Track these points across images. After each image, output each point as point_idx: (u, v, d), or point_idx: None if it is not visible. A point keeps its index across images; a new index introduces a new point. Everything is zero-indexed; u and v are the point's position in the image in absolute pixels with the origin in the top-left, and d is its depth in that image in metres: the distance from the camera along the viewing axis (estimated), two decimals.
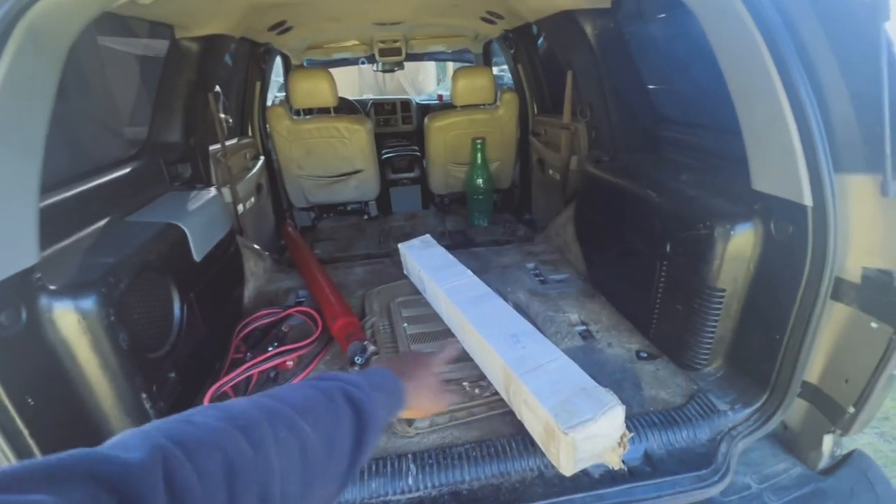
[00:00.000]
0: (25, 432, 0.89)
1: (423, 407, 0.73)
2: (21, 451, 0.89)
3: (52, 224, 1.14)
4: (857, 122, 0.93)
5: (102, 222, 1.32)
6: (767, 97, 1.01)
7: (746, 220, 1.17)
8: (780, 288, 1.12)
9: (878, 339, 0.97)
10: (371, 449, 0.54)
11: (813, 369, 1.12)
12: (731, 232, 1.18)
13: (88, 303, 1.00)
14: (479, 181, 3.01)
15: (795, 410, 1.17)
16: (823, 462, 1.13)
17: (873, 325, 0.97)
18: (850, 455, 1.15)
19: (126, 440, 0.34)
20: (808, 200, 1.00)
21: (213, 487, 0.34)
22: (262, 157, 2.89)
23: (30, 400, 0.91)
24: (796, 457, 1.18)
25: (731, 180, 1.29)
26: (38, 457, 0.90)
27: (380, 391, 0.59)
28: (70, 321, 0.99)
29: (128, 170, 1.55)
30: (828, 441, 1.11)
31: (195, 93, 1.91)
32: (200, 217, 1.57)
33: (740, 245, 1.19)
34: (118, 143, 1.75)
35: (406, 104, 4.34)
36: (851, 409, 1.04)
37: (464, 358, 1.41)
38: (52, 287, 0.99)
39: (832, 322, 1.06)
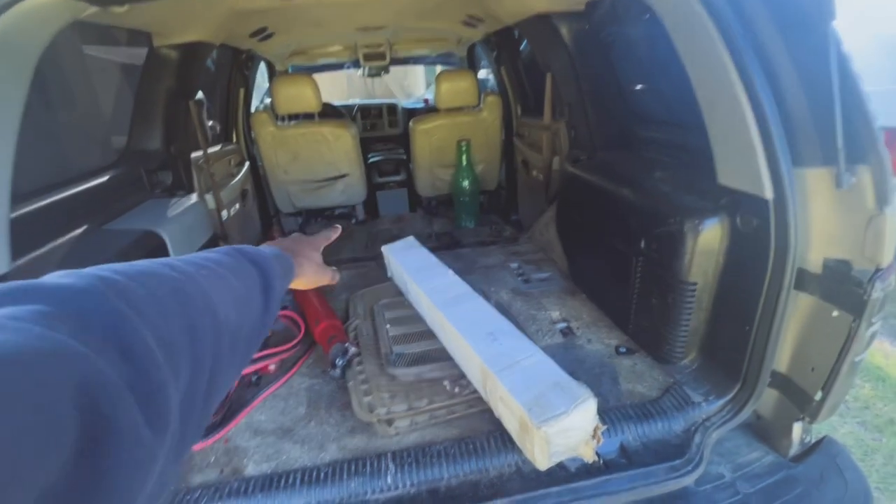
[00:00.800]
0: None
1: (310, 278, 0.74)
2: None
3: (28, 233, 1.14)
4: (812, 117, 0.96)
5: (79, 230, 1.33)
6: (728, 95, 1.04)
7: (714, 215, 1.20)
8: (747, 280, 1.14)
9: (839, 327, 0.99)
10: (278, 299, 0.55)
11: (781, 359, 1.14)
12: (700, 227, 1.21)
13: None
14: (465, 183, 3.04)
15: (767, 400, 1.19)
16: (794, 449, 1.16)
17: (835, 313, 1.00)
18: (820, 442, 1.17)
19: (58, 275, 0.32)
20: (768, 194, 1.03)
21: (167, 301, 0.33)
22: (247, 163, 2.89)
23: None
24: (768, 445, 1.20)
25: (702, 176, 1.31)
26: None
27: (268, 256, 0.59)
28: None
29: (106, 178, 1.56)
30: (797, 428, 1.14)
31: (175, 100, 1.92)
32: (180, 224, 1.58)
33: (709, 239, 1.22)
34: (97, 151, 1.75)
35: (392, 108, 4.36)
36: (818, 396, 1.07)
37: (444, 357, 1.43)
38: None
39: (797, 312, 1.09)
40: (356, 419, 1.27)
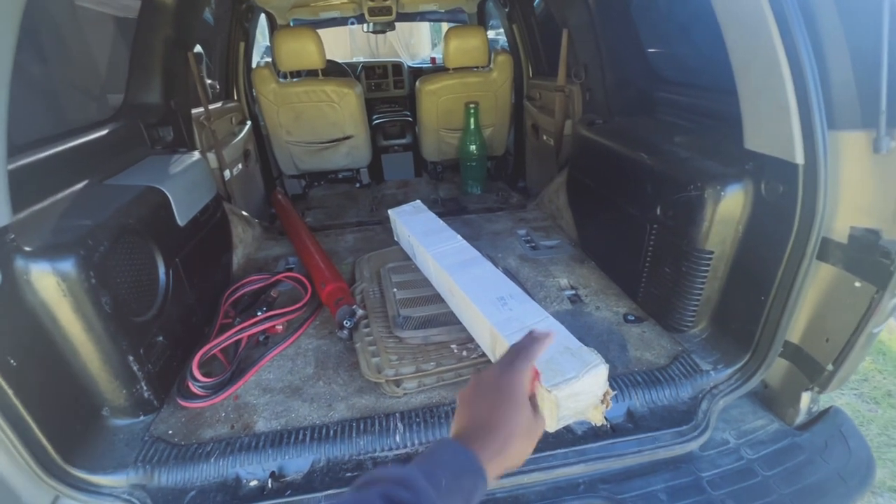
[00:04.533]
0: (10, 392, 0.89)
1: (522, 456, 0.57)
2: (6, 409, 0.89)
3: (27, 186, 1.11)
4: (854, 76, 0.90)
5: (80, 185, 1.29)
6: (765, 52, 0.97)
7: (737, 181, 1.16)
8: (767, 249, 1.11)
9: (860, 298, 0.97)
10: None
11: (795, 329, 1.13)
12: (722, 193, 1.17)
13: (67, 265, 0.99)
14: (473, 147, 2.96)
15: (776, 369, 1.19)
16: (800, 418, 1.17)
17: (857, 284, 0.97)
18: (826, 411, 1.18)
19: None
20: (799, 159, 0.98)
21: None
22: (248, 122, 2.81)
23: (12, 361, 0.90)
24: (774, 413, 1.21)
25: (726, 141, 1.26)
26: (24, 416, 0.91)
27: (441, 476, 0.49)
28: (49, 283, 0.98)
29: (105, 132, 1.50)
30: (805, 398, 1.14)
31: (174, 51, 1.83)
32: (183, 181, 1.53)
33: (730, 206, 1.18)
34: (94, 105, 1.69)
35: (398, 67, 4.20)
36: (830, 367, 1.06)
37: (451, 321, 1.42)
38: (27, 248, 0.96)
39: (817, 282, 1.06)
40: (364, 379, 1.28)
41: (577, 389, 0.98)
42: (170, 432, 1.16)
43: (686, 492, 1.04)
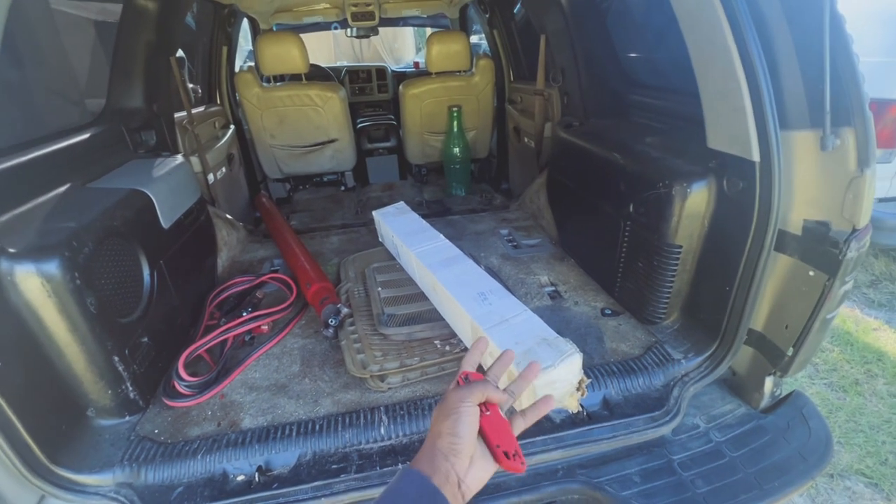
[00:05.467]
0: None
1: (484, 477, 0.57)
2: None
3: (8, 189, 1.12)
4: (802, 80, 0.97)
5: (62, 188, 1.30)
6: (722, 57, 1.04)
7: (702, 178, 1.22)
8: (730, 242, 1.18)
9: (814, 286, 1.04)
10: None
11: (758, 318, 1.20)
12: (688, 190, 1.23)
13: (52, 266, 1.00)
14: (456, 150, 3.01)
15: (742, 356, 1.26)
16: (765, 402, 1.23)
17: (811, 273, 1.04)
18: (789, 395, 1.25)
19: None
20: (755, 156, 1.05)
21: None
22: (232, 126, 2.81)
23: None
24: (741, 398, 1.27)
25: (693, 140, 1.33)
26: (9, 415, 0.92)
27: None
28: (34, 284, 0.99)
29: (87, 135, 1.51)
30: (768, 382, 1.21)
31: (156, 55, 1.84)
32: (167, 184, 1.54)
33: (696, 202, 1.24)
34: (76, 109, 1.69)
35: (381, 72, 4.24)
36: (790, 352, 1.13)
37: (435, 318, 1.46)
38: (11, 250, 0.97)
39: (776, 273, 1.13)
40: (349, 376, 1.31)
41: (553, 377, 1.03)
42: (156, 431, 1.17)
43: (658, 474, 1.09)
